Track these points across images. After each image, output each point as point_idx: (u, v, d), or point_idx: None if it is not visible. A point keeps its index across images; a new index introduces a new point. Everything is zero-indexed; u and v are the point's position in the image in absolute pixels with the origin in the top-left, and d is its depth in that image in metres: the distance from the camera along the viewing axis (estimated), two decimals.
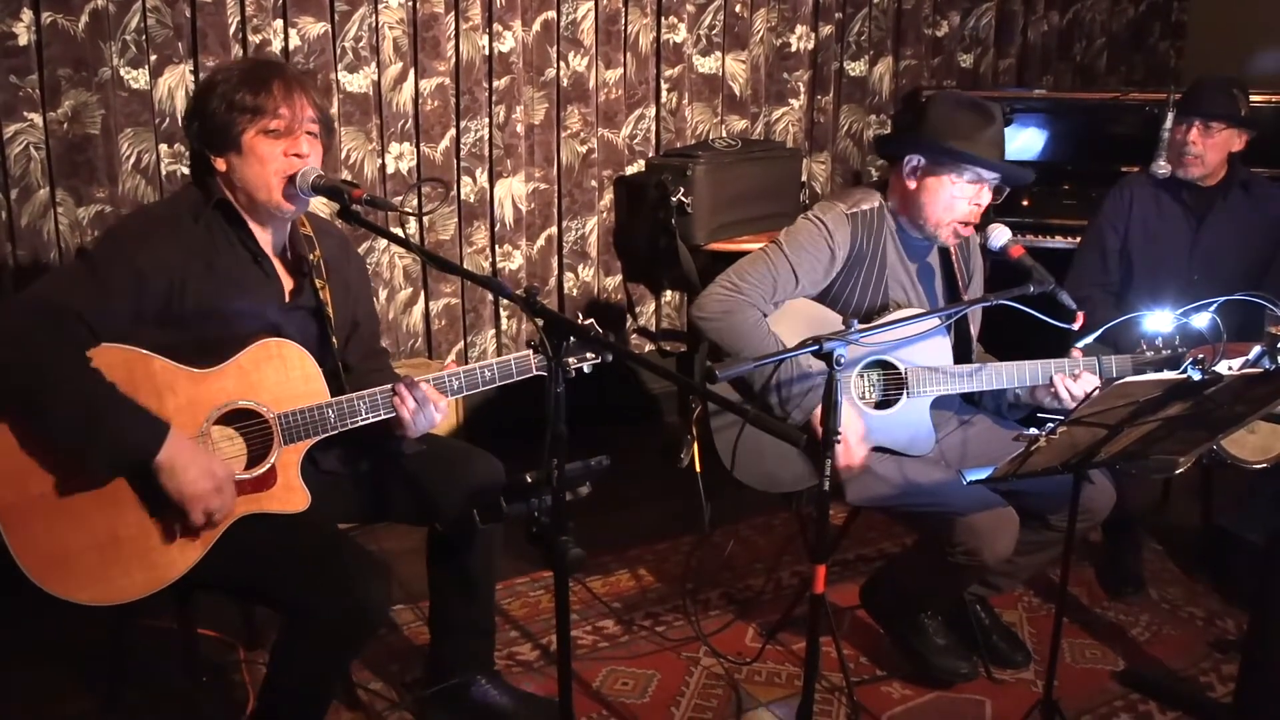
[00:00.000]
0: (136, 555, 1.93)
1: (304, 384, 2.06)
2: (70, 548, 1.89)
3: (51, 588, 1.88)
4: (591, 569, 3.18)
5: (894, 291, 2.51)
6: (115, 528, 1.92)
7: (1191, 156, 3.06)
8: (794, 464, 2.45)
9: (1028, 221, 4.09)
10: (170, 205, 2.16)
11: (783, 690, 2.62)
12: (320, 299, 2.16)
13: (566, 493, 1.69)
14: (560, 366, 1.67)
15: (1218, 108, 3.02)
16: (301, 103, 2.01)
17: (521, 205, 4.01)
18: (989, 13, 5.06)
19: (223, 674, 2.59)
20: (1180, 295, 2.39)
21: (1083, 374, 2.37)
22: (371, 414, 2.09)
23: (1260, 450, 2.88)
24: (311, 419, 2.04)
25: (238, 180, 2.02)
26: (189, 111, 2.06)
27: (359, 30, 3.55)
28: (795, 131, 4.65)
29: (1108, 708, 2.58)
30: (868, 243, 2.48)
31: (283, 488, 2.04)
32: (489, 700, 2.41)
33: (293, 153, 2.00)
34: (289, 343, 2.06)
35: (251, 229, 2.08)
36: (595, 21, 4.05)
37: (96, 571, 1.91)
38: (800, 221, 2.53)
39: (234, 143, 1.99)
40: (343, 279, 2.25)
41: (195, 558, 1.97)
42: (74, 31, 3.07)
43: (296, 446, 2.04)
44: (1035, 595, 3.07)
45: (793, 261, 2.46)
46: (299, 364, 2.06)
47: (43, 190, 3.13)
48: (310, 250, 2.18)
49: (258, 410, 2.02)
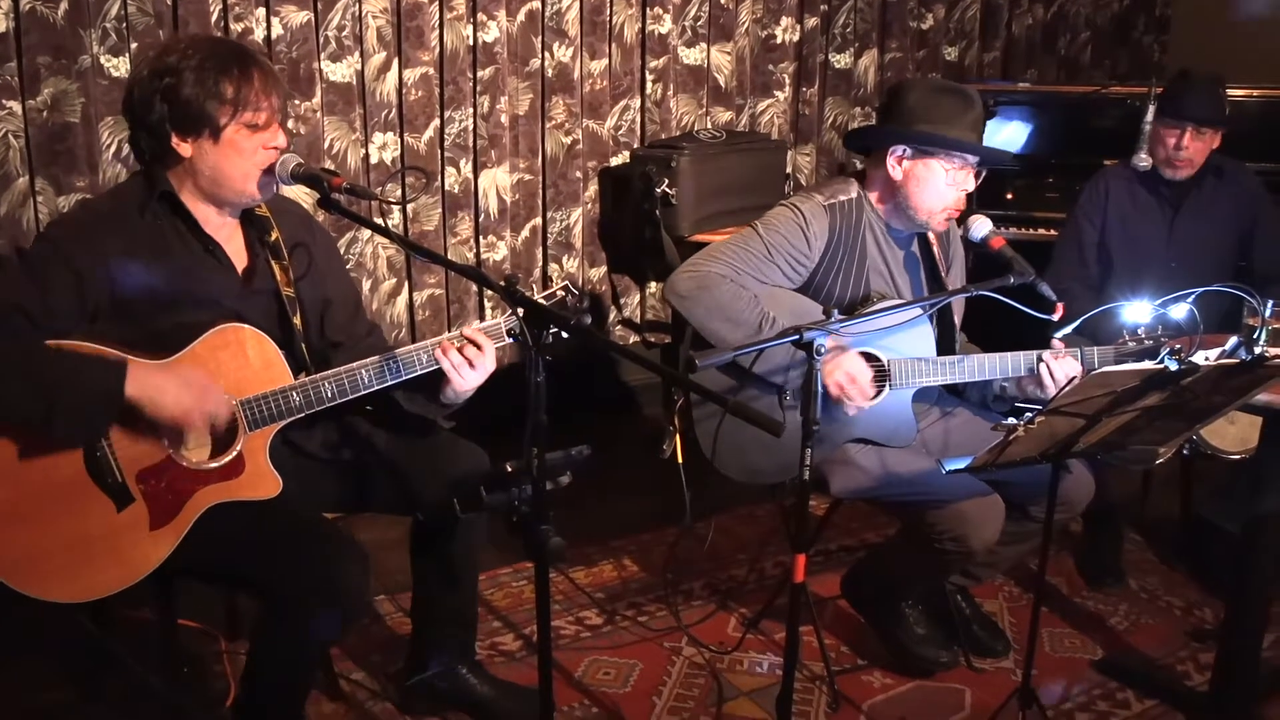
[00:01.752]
0: (108, 551, 1.91)
1: (264, 369, 2.02)
2: (40, 550, 1.86)
3: (25, 589, 1.86)
4: (575, 559, 3.19)
5: (875, 282, 2.51)
6: (84, 526, 1.89)
7: (1183, 159, 3.07)
8: (775, 455, 2.45)
9: (1011, 214, 4.10)
10: (113, 199, 2.08)
11: (763, 680, 2.63)
12: (280, 285, 2.11)
13: (547, 482, 1.69)
14: (541, 355, 1.67)
15: (1211, 112, 3.02)
16: (277, 92, 1.99)
17: (506, 196, 4.00)
18: (974, 6, 5.06)
19: (204, 664, 2.59)
20: (1159, 285, 2.40)
21: (1064, 355, 2.38)
22: (340, 395, 2.05)
23: (1239, 441, 2.91)
24: (275, 403, 2.00)
25: (206, 167, 1.96)
26: (146, 97, 1.92)
27: (342, 19, 3.53)
28: (780, 123, 4.66)
29: (1085, 696, 2.60)
30: (846, 234, 2.47)
31: (252, 474, 2.01)
32: (470, 690, 2.41)
33: (272, 145, 1.98)
34: (245, 327, 2.01)
35: (199, 220, 2.02)
36: (580, 12, 4.04)
37: (69, 570, 1.89)
38: (777, 208, 2.51)
39: (212, 132, 1.93)
40: (306, 256, 2.19)
41: (168, 550, 1.95)
42: (53, 19, 3.05)
43: (263, 432, 2.01)
44: (1015, 585, 3.09)
45: (767, 241, 2.44)
46: (257, 348, 2.02)
47: (22, 179, 3.11)
48: (267, 231, 2.12)
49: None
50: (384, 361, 2.06)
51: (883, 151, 2.43)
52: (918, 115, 2.38)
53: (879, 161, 2.45)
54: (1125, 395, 1.92)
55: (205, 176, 1.98)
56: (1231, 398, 2.04)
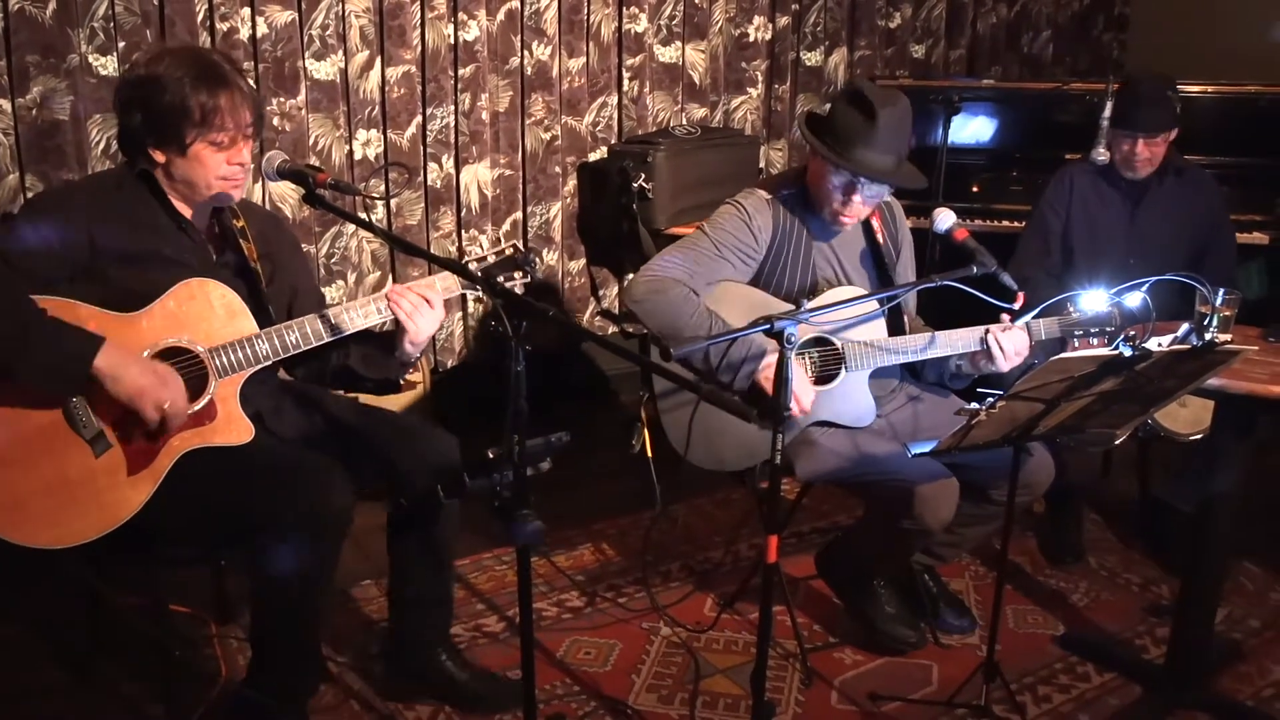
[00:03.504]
0: (89, 496, 1.93)
1: (230, 320, 2.07)
2: (21, 493, 1.89)
3: (9, 534, 1.88)
4: (556, 544, 3.20)
5: (822, 270, 2.53)
6: (63, 470, 1.91)
7: (1142, 162, 3.10)
8: (741, 442, 2.46)
9: (976, 206, 4.12)
10: (93, 178, 2.21)
11: (739, 657, 2.65)
12: (247, 258, 2.17)
13: (528, 468, 1.70)
14: (520, 346, 1.68)
15: (1160, 121, 3.04)
16: (245, 114, 2.04)
17: (487, 191, 3.99)
18: (940, 5, 5.09)
19: (194, 648, 2.58)
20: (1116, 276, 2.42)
21: (1012, 328, 2.40)
22: (304, 341, 2.08)
23: (1192, 423, 2.95)
24: (243, 350, 2.05)
25: (175, 173, 2.06)
26: (129, 100, 2.02)
27: (326, 18, 3.51)
28: (753, 119, 4.67)
29: (1047, 669, 2.64)
30: (790, 225, 2.50)
31: (224, 419, 2.04)
32: (447, 674, 2.41)
33: (235, 161, 2.06)
34: (210, 281, 2.06)
35: (173, 200, 2.10)
36: (558, 11, 4.03)
37: (51, 515, 1.90)
38: (723, 206, 2.55)
39: (178, 146, 2.01)
40: (272, 250, 2.25)
41: (147, 493, 1.96)
42: (42, 18, 3.02)
43: (232, 379, 2.05)
44: (980, 564, 3.12)
45: (714, 240, 2.48)
46: (222, 300, 2.07)
47: (12, 175, 3.08)
48: (234, 219, 2.19)
49: (189, 348, 2.02)
50: (344, 310, 2.13)
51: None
52: (828, 120, 2.42)
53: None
54: (1082, 380, 1.95)
55: (176, 179, 2.07)
56: (1184, 382, 2.07)
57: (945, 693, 2.46)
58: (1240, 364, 2.09)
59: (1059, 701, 2.51)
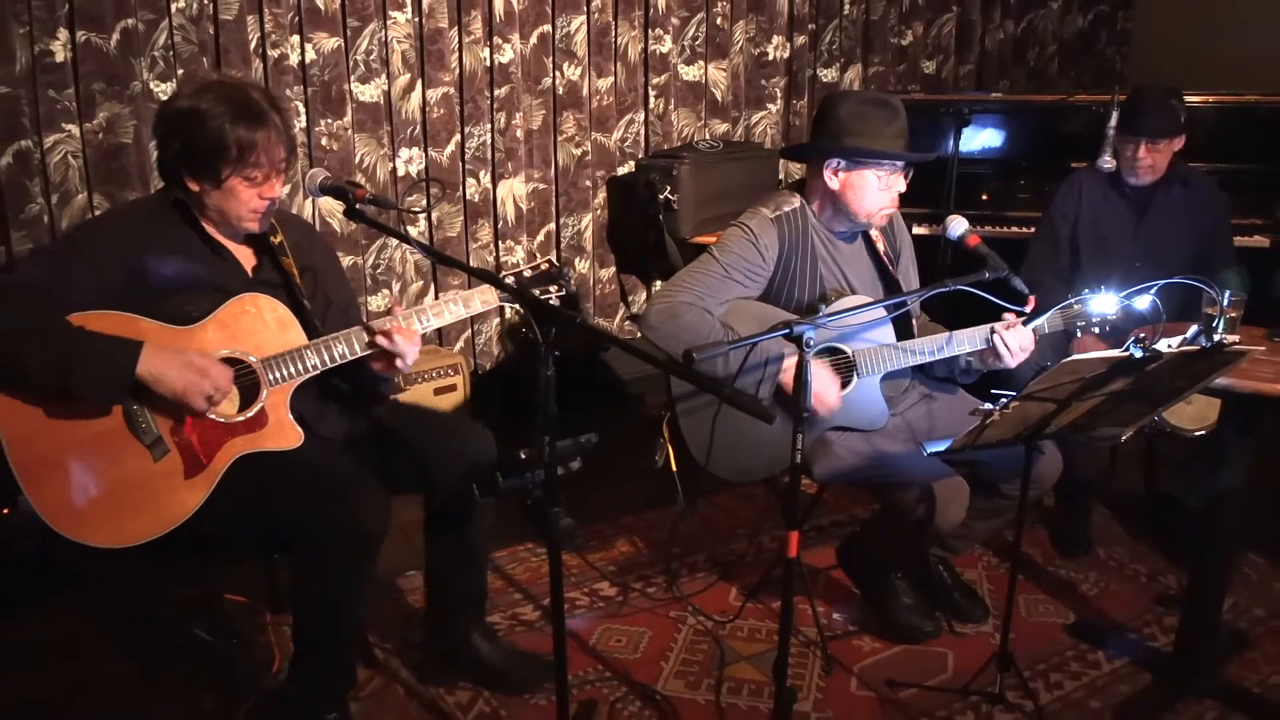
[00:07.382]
0: (146, 499, 1.92)
1: (281, 332, 2.05)
2: (83, 495, 1.88)
3: (70, 534, 1.87)
4: (588, 537, 3.16)
5: (829, 281, 2.47)
6: (124, 475, 1.90)
7: (1144, 168, 3.02)
8: (763, 452, 2.41)
9: (986, 213, 4.05)
10: (132, 205, 2.16)
11: (762, 645, 2.61)
12: (287, 273, 2.13)
13: (558, 467, 1.67)
14: (550, 352, 1.65)
15: (1163, 127, 2.96)
16: (280, 150, 2.01)
17: (522, 204, 3.97)
18: (950, 22, 5.01)
19: (249, 636, 2.57)
20: (1124, 280, 2.35)
21: (1015, 325, 2.33)
22: (350, 353, 2.06)
23: (1197, 419, 2.87)
24: (293, 360, 2.03)
25: (209, 203, 2.03)
26: (169, 130, 1.99)
27: (370, 44, 3.50)
28: (773, 133, 4.61)
29: (1059, 657, 2.57)
30: (795, 241, 2.43)
31: (275, 426, 2.03)
32: (483, 657, 2.39)
33: (268, 196, 2.03)
34: (261, 295, 2.05)
35: (206, 229, 2.07)
36: (588, 34, 4.00)
37: (108, 516, 1.89)
38: (730, 229, 2.47)
39: (214, 179, 1.98)
40: (308, 262, 2.21)
41: (201, 497, 1.95)
42: (106, 49, 3.03)
43: (283, 388, 2.04)
44: (993, 556, 3.05)
45: (724, 263, 2.41)
46: (272, 313, 2.05)
47: (80, 195, 3.09)
48: (273, 235, 2.15)
49: (243, 359, 2.01)
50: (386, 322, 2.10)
51: (819, 163, 2.39)
52: (847, 129, 2.33)
53: (816, 172, 2.41)
54: (1093, 381, 1.89)
55: (210, 208, 2.04)
56: (1192, 382, 2.00)
57: (961, 679, 2.41)
58: (1246, 363, 2.02)
59: (1071, 688, 2.45)
